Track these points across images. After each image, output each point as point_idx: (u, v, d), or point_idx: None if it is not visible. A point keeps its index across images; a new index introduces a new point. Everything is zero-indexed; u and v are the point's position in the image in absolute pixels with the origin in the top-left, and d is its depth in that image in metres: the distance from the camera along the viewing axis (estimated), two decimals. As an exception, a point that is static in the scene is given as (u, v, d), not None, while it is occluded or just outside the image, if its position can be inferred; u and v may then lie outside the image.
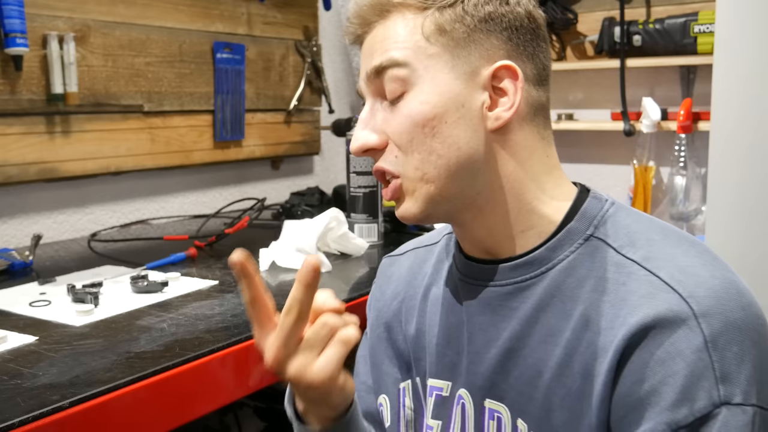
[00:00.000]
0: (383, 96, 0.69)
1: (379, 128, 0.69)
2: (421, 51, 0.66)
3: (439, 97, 0.66)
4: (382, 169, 0.69)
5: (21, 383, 0.74)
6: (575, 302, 0.64)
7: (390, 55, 0.67)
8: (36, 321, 0.96)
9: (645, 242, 0.64)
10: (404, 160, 0.68)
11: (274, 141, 2.07)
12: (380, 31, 0.69)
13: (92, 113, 1.57)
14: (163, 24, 1.72)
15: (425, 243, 0.85)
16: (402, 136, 0.67)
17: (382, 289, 0.85)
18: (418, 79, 0.66)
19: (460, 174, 0.67)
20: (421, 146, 0.66)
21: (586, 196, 0.70)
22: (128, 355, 0.83)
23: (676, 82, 1.94)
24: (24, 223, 1.53)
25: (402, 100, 0.67)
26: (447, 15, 0.66)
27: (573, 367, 0.63)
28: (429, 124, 0.66)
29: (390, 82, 0.67)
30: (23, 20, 1.38)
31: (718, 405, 0.56)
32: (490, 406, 0.69)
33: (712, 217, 1.41)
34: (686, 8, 1.87)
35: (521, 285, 0.68)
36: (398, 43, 0.67)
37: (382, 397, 0.81)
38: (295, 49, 2.11)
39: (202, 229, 1.56)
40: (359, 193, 1.45)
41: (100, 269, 1.25)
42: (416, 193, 0.68)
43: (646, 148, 1.94)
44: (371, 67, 0.68)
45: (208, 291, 1.11)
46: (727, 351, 0.57)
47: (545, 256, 0.67)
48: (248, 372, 0.91)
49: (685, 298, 0.59)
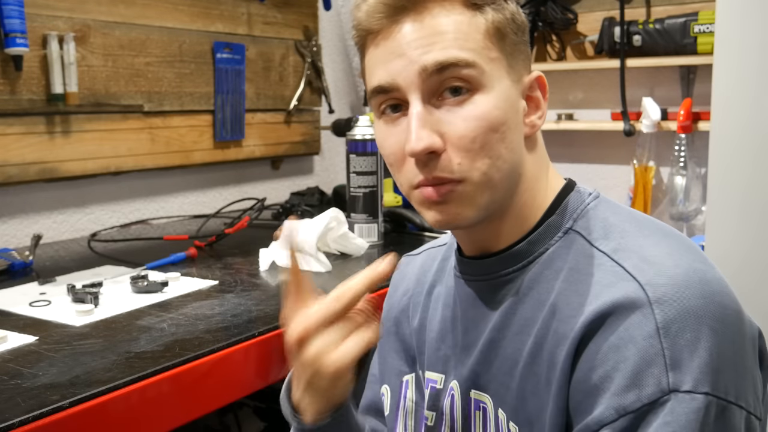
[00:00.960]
0: (437, 95, 0.64)
1: (438, 128, 0.64)
2: (485, 53, 0.64)
3: (506, 103, 0.65)
4: (442, 178, 0.64)
5: (21, 383, 0.74)
6: (549, 293, 0.66)
7: (460, 55, 0.63)
8: (36, 321, 0.96)
9: (618, 234, 0.65)
10: (470, 165, 0.64)
11: (274, 141, 2.07)
12: (433, 21, 0.63)
13: (92, 113, 1.57)
14: (163, 24, 1.72)
15: (438, 244, 0.87)
16: (474, 139, 0.63)
17: (396, 286, 0.88)
18: (486, 82, 0.64)
19: (512, 178, 0.67)
20: (491, 151, 0.64)
21: (571, 190, 0.71)
22: (128, 355, 0.83)
23: (676, 82, 1.94)
24: (24, 223, 1.53)
25: (470, 102, 0.64)
26: (500, 17, 0.66)
27: (542, 356, 0.64)
28: (500, 129, 0.64)
29: (454, 81, 0.63)
30: (23, 20, 1.38)
31: (666, 392, 0.55)
32: (476, 397, 0.71)
33: (712, 217, 1.41)
34: (686, 8, 1.87)
35: (505, 278, 0.70)
36: (463, 41, 0.63)
37: (384, 387, 0.84)
38: (295, 49, 2.11)
39: (202, 229, 1.56)
40: (359, 193, 1.45)
41: (100, 269, 1.25)
42: (476, 199, 0.65)
43: (646, 148, 1.94)
44: (432, 62, 0.62)
45: (208, 291, 1.11)
46: (679, 338, 0.56)
47: (527, 249, 0.69)
48: (248, 372, 0.91)
49: (643, 285, 0.59)
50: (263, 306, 1.03)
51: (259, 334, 0.91)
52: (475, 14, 0.64)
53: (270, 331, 0.93)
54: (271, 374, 0.93)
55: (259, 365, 0.92)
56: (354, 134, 1.45)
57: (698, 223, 1.85)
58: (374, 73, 0.67)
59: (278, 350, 0.94)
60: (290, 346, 0.64)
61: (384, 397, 0.84)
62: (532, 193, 0.70)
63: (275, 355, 0.93)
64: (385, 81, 0.65)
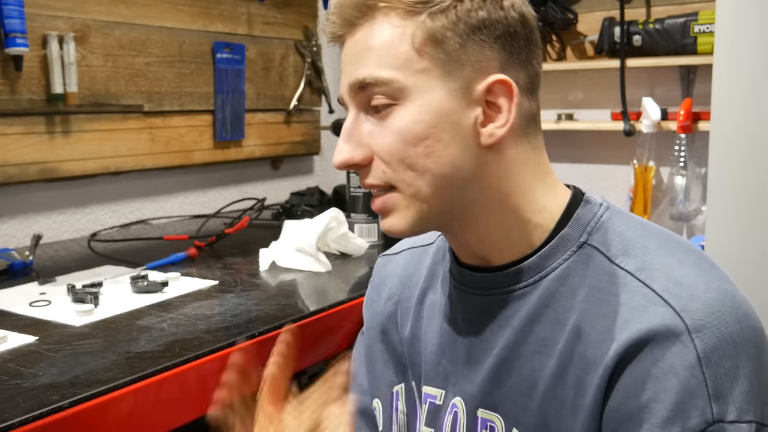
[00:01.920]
0: (367, 108, 0.65)
1: (364, 142, 0.65)
2: (409, 65, 0.62)
3: (432, 116, 0.62)
4: (371, 185, 0.66)
5: (21, 383, 0.74)
6: (568, 312, 0.63)
7: (376, 73, 0.63)
8: (36, 321, 0.96)
9: (639, 251, 0.63)
10: (394, 176, 0.64)
11: (274, 141, 2.07)
12: (364, 35, 0.64)
13: (92, 113, 1.57)
14: (163, 24, 1.72)
15: (420, 243, 0.83)
16: (392, 154, 0.64)
17: (378, 290, 0.84)
18: (409, 95, 0.63)
19: (453, 190, 0.65)
20: (414, 165, 0.63)
21: (580, 200, 0.68)
22: (128, 355, 0.83)
23: (676, 82, 1.94)
24: (24, 223, 1.53)
25: (390, 116, 0.63)
26: (439, 22, 0.62)
27: (567, 380, 0.62)
28: (422, 143, 0.63)
29: (377, 96, 0.63)
30: (23, 20, 1.38)
31: (711, 423, 0.55)
32: (483, 416, 0.68)
33: (712, 217, 1.41)
34: (686, 8, 1.87)
35: (515, 294, 0.67)
36: (385, 57, 0.63)
37: (376, 401, 0.81)
38: (295, 49, 2.11)
39: (202, 229, 1.56)
40: (359, 193, 1.45)
41: (100, 269, 1.25)
42: (407, 210, 0.65)
43: (646, 148, 1.94)
44: (355, 80, 0.64)
45: (208, 291, 1.11)
46: (720, 367, 0.56)
47: (538, 264, 0.66)
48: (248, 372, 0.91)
49: (679, 312, 0.57)
50: (263, 306, 1.03)
51: (259, 334, 0.91)
52: (407, 24, 0.62)
53: (270, 331, 0.93)
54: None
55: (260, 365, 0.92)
56: (354, 134, 1.45)
57: (698, 223, 1.85)
58: None
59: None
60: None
61: (376, 411, 0.80)
62: (522, 205, 0.67)
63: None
64: (339, 96, 0.69)
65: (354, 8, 0.64)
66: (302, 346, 0.99)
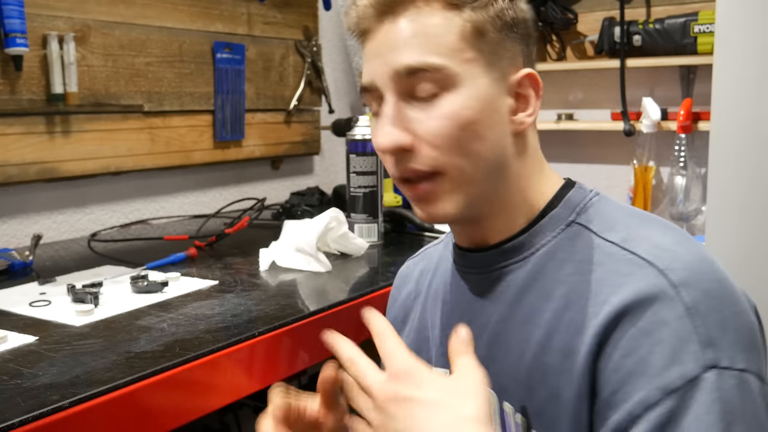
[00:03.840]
0: (410, 94, 0.67)
1: (410, 127, 0.67)
2: (457, 54, 0.66)
3: (479, 102, 0.66)
4: (416, 170, 0.67)
5: (21, 383, 0.74)
6: (555, 284, 0.67)
7: (428, 59, 0.65)
8: (36, 321, 0.96)
9: (623, 226, 0.67)
10: (444, 160, 0.66)
11: (274, 141, 2.07)
12: (408, 24, 0.66)
13: (92, 113, 1.57)
14: (163, 24, 1.72)
15: (435, 243, 0.89)
16: (443, 138, 0.66)
17: (400, 289, 0.90)
18: (457, 83, 0.66)
19: (494, 174, 0.69)
20: (465, 148, 0.66)
21: (571, 187, 0.73)
22: (128, 355, 0.83)
23: (676, 82, 1.94)
24: (24, 223, 1.53)
25: (439, 101, 0.66)
26: (481, 16, 0.66)
27: (553, 346, 0.64)
28: (471, 127, 0.66)
29: (425, 82, 0.66)
30: (23, 20, 1.38)
31: (706, 368, 0.56)
32: None
33: (712, 217, 1.41)
34: (686, 8, 1.87)
35: (505, 270, 0.71)
36: (434, 45, 0.65)
37: None
38: (295, 49, 2.11)
39: (202, 229, 1.56)
40: (359, 193, 1.45)
41: (100, 269, 1.25)
42: (455, 194, 0.68)
43: (646, 148, 1.94)
44: (403, 66, 0.66)
45: (208, 291, 1.11)
46: (708, 318, 0.58)
47: (528, 241, 0.70)
48: (248, 372, 0.91)
49: (663, 270, 0.60)
50: (263, 306, 1.03)
51: (259, 334, 0.91)
52: (452, 15, 0.66)
53: (270, 331, 0.93)
54: (272, 374, 0.93)
55: (260, 365, 0.92)
56: (354, 134, 1.45)
57: (698, 223, 1.85)
58: (363, 72, 0.71)
59: (278, 350, 0.94)
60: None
61: None
62: (526, 188, 0.71)
63: (276, 355, 0.94)
64: (367, 81, 0.69)
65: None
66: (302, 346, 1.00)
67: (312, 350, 1.00)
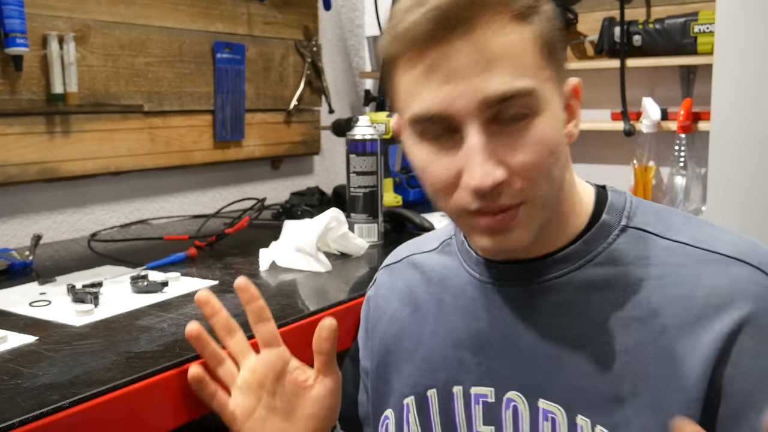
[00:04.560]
0: (495, 121, 0.60)
1: (502, 160, 0.60)
2: (539, 73, 0.60)
3: (558, 122, 0.64)
4: (505, 206, 0.62)
5: (21, 383, 0.74)
6: (627, 291, 0.65)
7: (519, 83, 0.59)
8: (36, 321, 0.96)
9: (680, 225, 0.67)
10: (532, 190, 0.62)
11: (274, 141, 2.07)
12: (484, 41, 0.58)
13: (92, 113, 1.57)
14: (163, 24, 1.72)
15: (423, 249, 0.83)
16: (537, 167, 0.61)
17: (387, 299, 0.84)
18: (543, 104, 0.61)
19: (559, 194, 0.68)
20: (550, 173, 0.62)
21: (605, 191, 0.72)
22: (128, 355, 0.83)
23: (676, 82, 1.94)
24: (24, 223, 1.53)
25: (530, 127, 0.60)
26: (548, 27, 0.61)
27: (645, 354, 0.63)
28: (557, 150, 0.63)
29: (514, 108, 0.59)
30: (23, 20, 1.38)
31: None
32: (544, 407, 0.67)
33: (712, 217, 1.41)
34: (686, 8, 1.87)
35: (559, 281, 0.68)
36: (518, 66, 0.59)
37: (389, 411, 0.80)
38: (295, 49, 2.11)
39: (202, 229, 1.56)
40: (359, 193, 1.45)
41: (100, 269, 1.25)
42: (532, 221, 0.64)
43: (646, 148, 1.94)
44: (494, 93, 0.58)
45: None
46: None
47: (581, 249, 0.68)
48: (248, 372, 0.91)
49: (757, 266, 0.62)
50: (263, 306, 1.03)
51: (259, 334, 0.91)
52: (524, 29, 0.59)
53: (270, 331, 0.93)
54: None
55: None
56: (354, 134, 1.45)
57: (698, 223, 1.85)
58: (418, 98, 0.61)
59: (278, 350, 0.94)
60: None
61: (389, 420, 0.79)
62: (571, 197, 0.70)
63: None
64: (438, 109, 0.60)
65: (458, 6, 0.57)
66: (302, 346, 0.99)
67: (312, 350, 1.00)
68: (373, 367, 0.83)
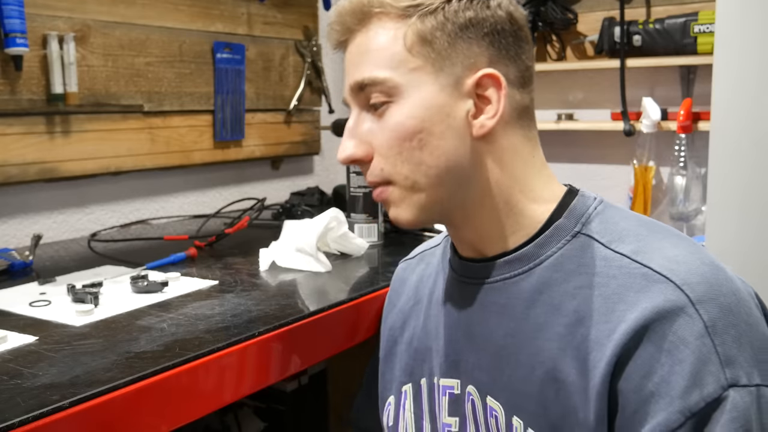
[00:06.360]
0: (367, 107, 0.70)
1: (365, 139, 0.71)
2: (403, 64, 0.67)
3: (425, 111, 0.67)
4: (371, 182, 0.72)
5: (21, 383, 0.74)
6: (565, 297, 0.65)
7: (372, 74, 0.68)
8: (36, 321, 0.96)
9: (633, 237, 0.65)
10: (392, 170, 0.69)
11: (274, 141, 2.07)
12: (362, 40, 0.70)
13: (92, 113, 1.57)
14: (163, 24, 1.72)
15: (432, 245, 0.88)
16: (389, 149, 0.69)
17: (398, 293, 0.89)
18: (403, 93, 0.68)
19: (449, 181, 0.68)
20: (410, 158, 0.68)
21: (575, 195, 0.71)
22: (128, 355, 0.83)
23: (676, 82, 1.94)
24: (24, 223, 1.53)
25: (387, 113, 0.69)
26: (428, 23, 0.67)
27: (566, 362, 0.63)
28: (416, 137, 0.67)
29: (375, 95, 0.69)
30: (23, 20, 1.38)
31: (725, 388, 0.56)
32: (490, 404, 0.70)
33: (712, 217, 1.41)
34: (686, 8, 1.87)
35: (509, 281, 0.70)
36: (381, 58, 0.68)
37: (391, 397, 0.84)
38: (295, 49, 2.11)
39: (202, 229, 1.56)
40: (359, 193, 1.45)
41: (100, 269, 1.25)
42: (406, 201, 0.70)
43: (646, 148, 1.94)
44: (354, 81, 0.70)
45: (208, 291, 1.11)
46: (726, 335, 0.58)
47: (533, 252, 0.69)
48: (248, 372, 0.91)
49: (680, 286, 0.59)
50: (263, 306, 1.03)
51: (259, 334, 0.91)
52: (401, 25, 0.67)
53: (270, 331, 0.93)
54: (271, 374, 0.93)
55: (259, 365, 0.92)
56: (354, 134, 1.45)
57: (698, 223, 1.85)
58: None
59: (279, 350, 0.94)
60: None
61: (390, 406, 0.84)
62: (517, 195, 0.70)
63: (275, 355, 0.94)
64: (343, 97, 0.74)
65: (352, 15, 0.70)
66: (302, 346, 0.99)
67: (312, 350, 1.00)
68: (383, 355, 0.88)
